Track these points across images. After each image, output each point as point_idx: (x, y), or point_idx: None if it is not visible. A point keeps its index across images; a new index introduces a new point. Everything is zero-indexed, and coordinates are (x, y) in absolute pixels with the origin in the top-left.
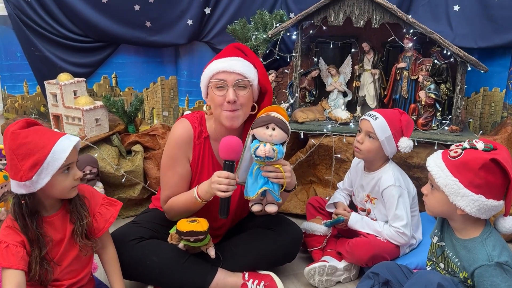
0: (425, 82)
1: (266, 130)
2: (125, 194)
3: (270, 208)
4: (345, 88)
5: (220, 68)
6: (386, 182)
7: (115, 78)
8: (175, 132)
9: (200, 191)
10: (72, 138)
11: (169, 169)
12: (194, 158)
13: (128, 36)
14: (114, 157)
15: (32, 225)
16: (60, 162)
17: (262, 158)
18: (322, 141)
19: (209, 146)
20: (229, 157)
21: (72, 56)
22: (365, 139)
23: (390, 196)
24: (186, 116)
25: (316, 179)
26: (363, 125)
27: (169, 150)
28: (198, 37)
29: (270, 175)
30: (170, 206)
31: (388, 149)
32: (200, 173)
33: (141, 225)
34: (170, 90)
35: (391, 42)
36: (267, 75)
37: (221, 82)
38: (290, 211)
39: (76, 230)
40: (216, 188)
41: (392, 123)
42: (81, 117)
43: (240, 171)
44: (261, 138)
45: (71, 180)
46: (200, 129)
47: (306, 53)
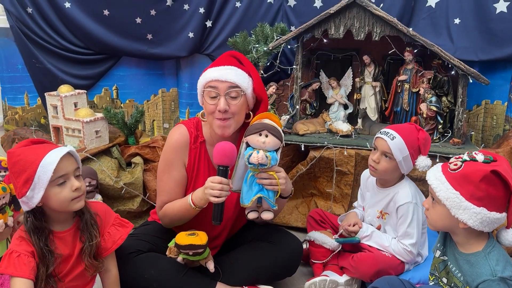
0: (426, 94)
1: (259, 137)
2: (124, 207)
3: (266, 215)
4: (346, 101)
5: (213, 77)
6: (404, 198)
7: (116, 90)
8: (171, 137)
9: (194, 197)
10: (62, 149)
11: (164, 174)
12: (190, 163)
13: (130, 48)
14: (113, 169)
15: (38, 242)
16: (48, 175)
17: (255, 165)
18: (323, 154)
19: (205, 150)
20: (223, 162)
21: (73, 68)
22: (381, 158)
23: (406, 212)
24: (183, 122)
25: (317, 192)
26: (379, 144)
27: (166, 155)
28: (199, 49)
29: (264, 182)
30: (165, 212)
31: (405, 168)
32: (196, 178)
33: (140, 238)
34: (171, 102)
35: (392, 54)
36: (262, 83)
37: (213, 90)
38: (291, 224)
39: (85, 249)
40: (209, 193)
41: (409, 142)
42: (81, 128)
43: (235, 179)
44: (254, 145)
45: (68, 192)
46: (196, 133)
47: (307, 65)
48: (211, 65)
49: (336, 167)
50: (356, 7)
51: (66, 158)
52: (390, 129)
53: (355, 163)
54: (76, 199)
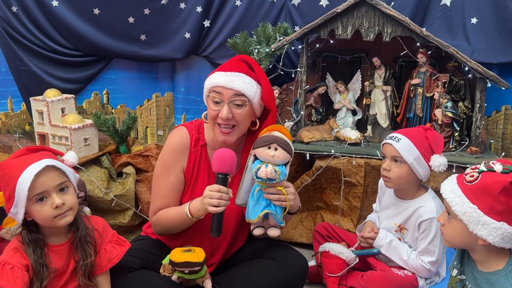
0: (441, 99)
1: (268, 150)
2: (115, 221)
3: (272, 232)
4: (354, 106)
5: (219, 82)
6: (428, 213)
7: (107, 95)
8: (171, 140)
9: (192, 207)
10: (41, 163)
11: (161, 177)
12: (188, 167)
13: (121, 50)
14: (103, 179)
15: (33, 254)
16: (24, 193)
17: (263, 179)
18: (329, 163)
19: (206, 155)
20: (222, 169)
21: (60, 71)
22: (392, 165)
23: (428, 228)
24: (184, 124)
25: (324, 205)
26: (386, 150)
27: (164, 157)
28: (196, 51)
29: (272, 197)
30: (158, 219)
31: (421, 172)
32: (194, 183)
33: (131, 253)
34: (166, 107)
35: (403, 56)
36: (272, 92)
37: (217, 96)
38: (295, 240)
39: (79, 268)
40: (207, 202)
41: (418, 141)
42: (69, 136)
43: (241, 192)
44: (263, 158)
45: (48, 209)
46: (198, 136)
47: (312, 68)
48: (219, 68)
49: (344, 177)
50: (365, 5)
51: (45, 173)
52: (395, 133)
53: (365, 173)
54: (59, 216)
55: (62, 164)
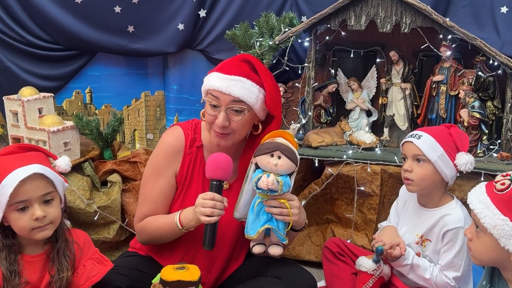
0: (467, 98)
1: (271, 158)
2: (98, 235)
3: (273, 250)
4: (369, 106)
5: (216, 86)
6: (454, 222)
7: (90, 94)
8: (164, 140)
9: (183, 217)
10: (29, 169)
11: (150, 181)
12: (182, 170)
13: (106, 43)
14: (85, 189)
15: (5, 261)
16: (5, 198)
17: (264, 191)
18: (341, 170)
19: (202, 157)
20: (216, 176)
21: (38, 66)
22: (414, 165)
23: (454, 239)
24: (180, 123)
25: (335, 218)
26: (407, 149)
27: (155, 159)
28: (190, 44)
29: (273, 211)
30: (144, 226)
31: (446, 171)
32: (187, 188)
33: (117, 271)
34: (156, 108)
35: (424, 50)
36: (277, 97)
37: (214, 100)
38: (302, 257)
39: (53, 283)
40: (199, 211)
41: (441, 138)
42: (47, 140)
43: (240, 204)
44: (265, 167)
45: (27, 220)
46: (194, 136)
47: (322, 63)
48: (218, 68)
49: (358, 186)
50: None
51: (32, 180)
52: (415, 131)
53: (381, 182)
54: (38, 229)
55: (52, 172)
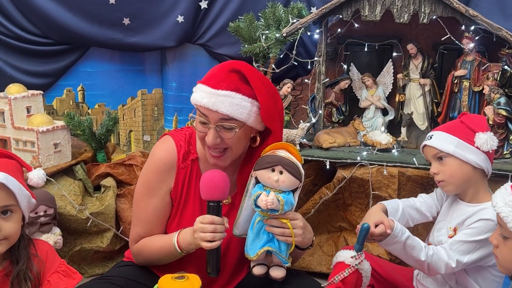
0: (492, 94)
1: (271, 173)
2: (91, 244)
3: (276, 273)
4: (385, 104)
5: (202, 102)
6: (488, 214)
7: (82, 92)
8: (155, 155)
9: (182, 240)
10: None
11: (142, 199)
12: (176, 187)
13: (100, 37)
14: (77, 194)
15: None
16: None
17: (264, 209)
18: (355, 173)
19: (198, 170)
20: (213, 197)
21: (26, 62)
22: (438, 166)
23: (480, 228)
24: (171, 133)
25: (348, 225)
26: (426, 154)
27: (146, 176)
28: (191, 38)
29: (275, 231)
30: (140, 249)
31: (472, 157)
32: (183, 206)
33: (112, 281)
34: (154, 107)
35: (445, 42)
36: (274, 109)
37: (203, 117)
38: (313, 269)
39: None
40: (199, 237)
41: (452, 129)
42: (36, 141)
43: (239, 221)
44: (265, 183)
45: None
46: (188, 149)
47: (333, 58)
48: (205, 80)
49: (373, 191)
50: None
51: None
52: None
53: (399, 185)
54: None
55: (18, 184)
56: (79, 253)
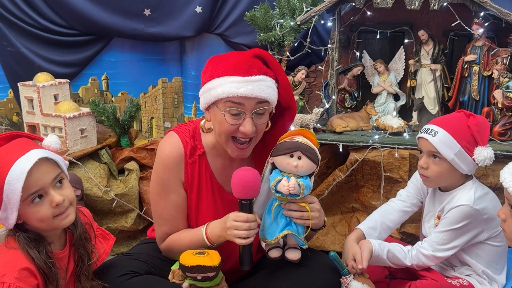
0: (501, 78)
1: (290, 159)
2: (116, 224)
3: (292, 255)
4: (396, 89)
5: (239, 92)
6: (460, 200)
7: (106, 81)
8: (161, 152)
9: (211, 234)
10: (31, 156)
11: (161, 198)
12: (187, 178)
13: (122, 27)
14: (102, 176)
15: (39, 254)
16: (17, 195)
17: (284, 194)
18: (367, 156)
19: (206, 164)
20: (247, 195)
21: (53, 52)
22: (430, 162)
23: (455, 216)
24: (176, 129)
25: (360, 206)
26: (422, 145)
27: (157, 175)
28: (208, 28)
29: (293, 215)
30: (170, 247)
31: (464, 167)
32: (197, 201)
33: (135, 257)
34: (174, 95)
35: (455, 29)
36: (290, 87)
37: (237, 108)
38: (326, 247)
39: (84, 271)
40: (233, 235)
41: (458, 133)
42: (63, 126)
43: (254, 205)
44: (284, 168)
45: (47, 208)
46: (194, 144)
47: (346, 45)
48: (231, 70)
49: (385, 172)
50: None
51: (39, 166)
52: (431, 124)
53: (409, 167)
54: (60, 216)
55: (52, 152)
56: None
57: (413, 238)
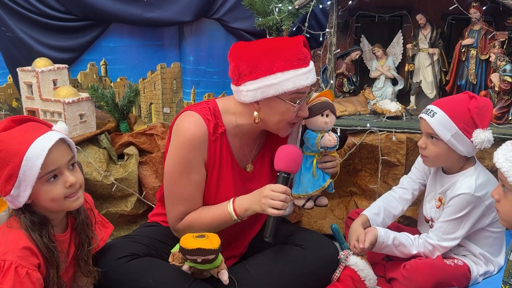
0: (498, 62)
1: (322, 117)
2: (116, 208)
3: (324, 201)
4: (394, 74)
5: (307, 83)
6: (461, 188)
7: (105, 66)
8: (185, 130)
9: (239, 207)
10: (51, 136)
11: (182, 178)
12: (209, 157)
13: (121, 12)
14: (102, 161)
15: (42, 238)
16: (36, 171)
17: (331, 148)
18: (365, 140)
19: (227, 143)
20: (290, 169)
21: (51, 38)
22: (428, 142)
23: (458, 205)
24: (194, 108)
25: (358, 190)
26: (421, 125)
27: (180, 153)
28: (207, 13)
29: (328, 165)
30: (189, 225)
31: (462, 149)
32: (218, 178)
33: (136, 240)
34: (173, 80)
35: (453, 12)
36: None
37: (301, 96)
38: (325, 231)
39: (84, 255)
40: (268, 204)
41: (457, 114)
42: (62, 111)
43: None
44: (317, 127)
45: (60, 188)
46: (215, 122)
47: (344, 29)
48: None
49: (382, 156)
50: None
51: (57, 147)
52: (432, 105)
53: (407, 151)
54: (71, 197)
55: (67, 136)
56: (105, 217)
57: (410, 221)
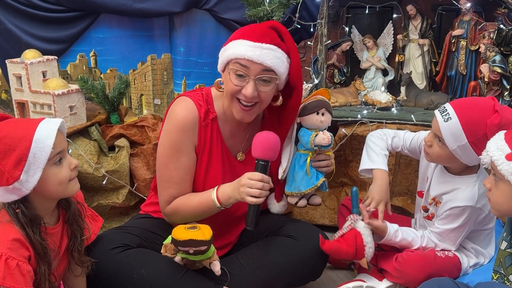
0: (488, 52)
1: (317, 116)
2: (107, 201)
3: (317, 200)
4: (385, 65)
5: (247, 55)
6: (465, 200)
7: (94, 57)
8: (176, 114)
9: (221, 195)
10: (52, 121)
11: (171, 161)
12: (199, 142)
13: (110, 3)
14: (93, 153)
15: (35, 235)
16: (47, 151)
17: (325, 146)
18: (355, 131)
19: (218, 129)
20: (266, 156)
21: (40, 29)
22: (434, 141)
23: (458, 215)
24: (187, 94)
25: (349, 180)
26: (433, 123)
27: (170, 137)
28: (197, 3)
29: (322, 164)
30: (176, 209)
31: (466, 160)
32: (208, 163)
33: (128, 231)
34: (163, 71)
35: (443, 3)
36: (300, 69)
37: (242, 70)
38: (315, 221)
39: (77, 246)
40: (246, 192)
41: (472, 127)
42: (52, 103)
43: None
44: (312, 125)
45: (66, 170)
46: (207, 108)
47: (335, 20)
48: (244, 35)
49: None
50: None
51: (59, 132)
52: (450, 105)
53: None
54: (72, 181)
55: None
56: (96, 209)
57: (400, 211)
